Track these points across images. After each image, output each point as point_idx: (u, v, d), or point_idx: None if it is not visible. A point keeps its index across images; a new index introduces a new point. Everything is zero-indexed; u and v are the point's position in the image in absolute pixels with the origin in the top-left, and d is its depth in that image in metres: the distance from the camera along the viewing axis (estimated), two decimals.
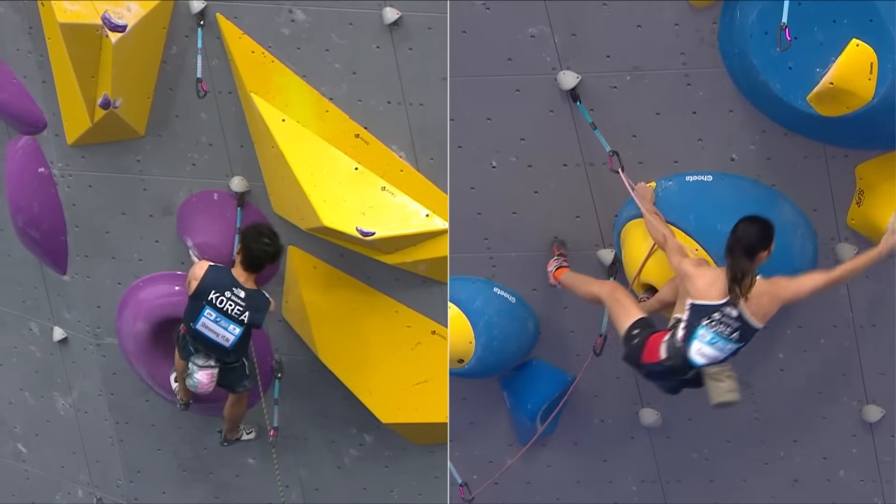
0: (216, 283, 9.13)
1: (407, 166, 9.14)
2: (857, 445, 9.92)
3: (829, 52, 7.90)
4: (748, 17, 8.15)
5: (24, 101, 9.66)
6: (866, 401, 9.69)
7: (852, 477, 10.10)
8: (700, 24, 8.45)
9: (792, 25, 7.74)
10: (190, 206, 9.70)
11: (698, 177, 8.84)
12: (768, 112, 8.53)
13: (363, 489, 10.51)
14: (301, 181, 9.00)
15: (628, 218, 9.06)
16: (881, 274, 8.25)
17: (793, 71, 8.03)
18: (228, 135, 9.45)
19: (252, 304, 9.16)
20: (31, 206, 9.89)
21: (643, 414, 10.01)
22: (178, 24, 9.14)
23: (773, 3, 7.90)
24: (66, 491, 11.31)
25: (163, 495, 10.96)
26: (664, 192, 8.82)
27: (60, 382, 10.85)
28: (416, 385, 9.59)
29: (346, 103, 9.10)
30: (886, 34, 7.80)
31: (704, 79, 8.60)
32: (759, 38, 8.06)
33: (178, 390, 9.90)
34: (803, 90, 8.02)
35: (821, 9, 7.90)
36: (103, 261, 10.08)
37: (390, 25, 8.80)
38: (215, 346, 9.25)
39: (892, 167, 8.62)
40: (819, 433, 9.89)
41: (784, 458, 10.10)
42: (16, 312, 10.74)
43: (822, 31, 7.92)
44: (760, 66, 8.14)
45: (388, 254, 9.23)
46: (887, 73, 7.83)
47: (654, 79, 8.64)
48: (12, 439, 11.33)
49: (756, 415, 9.83)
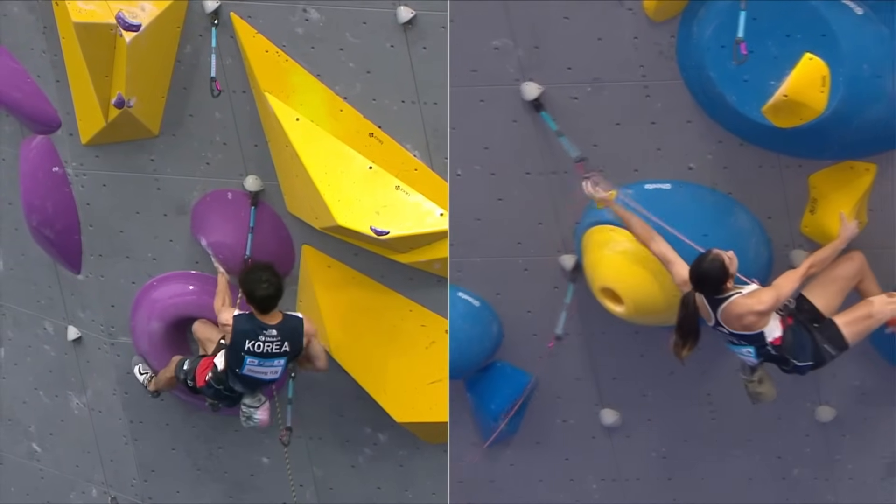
0: (246, 332, 9.11)
1: (421, 165, 9.13)
2: (811, 445, 10.16)
3: (783, 65, 8.11)
4: (705, 32, 8.36)
5: (38, 101, 9.67)
6: (819, 402, 9.92)
7: (806, 475, 10.33)
8: (659, 38, 8.64)
9: (747, 40, 7.92)
10: (204, 205, 9.71)
11: (657, 185, 9.06)
12: (725, 123, 8.73)
13: (377, 488, 10.51)
14: (315, 180, 9.00)
15: (589, 224, 9.25)
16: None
17: (748, 83, 8.25)
18: (242, 134, 9.45)
19: (286, 333, 9.16)
20: (46, 205, 9.89)
21: (604, 414, 10.23)
22: (193, 24, 9.14)
23: (729, 18, 8.09)
24: (80, 490, 11.32)
25: (177, 494, 10.97)
26: (625, 199, 8.94)
27: (75, 382, 10.86)
28: (431, 384, 9.58)
29: (360, 102, 9.09)
30: (838, 48, 8.03)
31: (663, 90, 8.79)
32: (715, 51, 8.28)
33: (145, 381, 9.97)
34: (758, 102, 8.22)
35: (775, 24, 8.10)
36: (117, 260, 10.09)
37: (404, 24, 8.80)
38: (264, 382, 9.33)
39: (844, 177, 8.83)
40: (774, 433, 10.12)
41: (740, 457, 10.32)
42: (30, 312, 10.75)
43: (776, 46, 8.13)
44: (717, 78, 8.36)
45: (403, 253, 9.23)
46: (839, 85, 8.07)
47: (615, 90, 8.84)
48: (27, 439, 11.34)
49: (713, 415, 10.06)
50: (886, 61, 8.19)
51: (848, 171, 8.86)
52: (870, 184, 8.80)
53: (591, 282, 9.37)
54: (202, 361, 9.50)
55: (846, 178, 8.85)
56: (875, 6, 8.13)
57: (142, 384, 10.20)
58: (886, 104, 8.30)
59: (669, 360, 9.27)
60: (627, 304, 9.27)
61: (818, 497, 10.38)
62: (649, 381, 10.07)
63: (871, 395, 9.83)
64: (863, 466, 10.22)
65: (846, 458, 10.21)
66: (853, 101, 8.17)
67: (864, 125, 8.33)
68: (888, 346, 9.44)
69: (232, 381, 9.30)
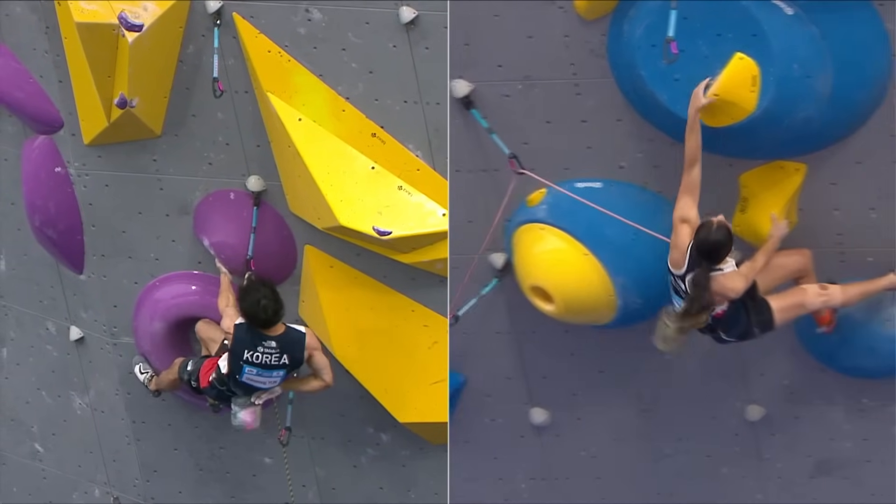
0: (245, 342, 9.08)
1: (423, 165, 9.14)
2: (740, 444, 10.20)
3: (713, 64, 8.15)
4: (636, 31, 8.40)
5: (40, 101, 9.68)
6: (749, 401, 9.95)
7: (735, 474, 10.36)
8: (589, 36, 8.68)
9: (678, 39, 7.95)
10: (206, 205, 9.71)
11: (588, 183, 9.08)
12: (656, 122, 8.78)
13: (380, 488, 10.51)
14: (317, 180, 9.00)
15: (520, 223, 9.29)
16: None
17: (679, 82, 8.28)
18: (245, 134, 9.45)
19: (287, 346, 9.12)
20: (48, 205, 9.90)
21: (533, 413, 10.24)
22: (195, 24, 9.15)
23: (659, 17, 8.12)
24: (83, 490, 11.32)
25: (179, 494, 10.97)
26: (555, 198, 9.03)
27: (77, 382, 10.86)
28: (433, 384, 9.58)
29: (362, 102, 9.09)
30: (768, 48, 8.08)
31: (594, 89, 8.83)
32: (646, 50, 8.31)
33: (146, 381, 9.98)
34: (689, 101, 8.21)
35: (706, 23, 8.14)
36: (120, 260, 10.09)
37: (406, 25, 8.80)
38: (263, 389, 9.32)
39: (774, 176, 8.89)
40: (703, 432, 10.15)
41: (669, 455, 10.34)
42: (33, 312, 10.76)
43: (707, 45, 8.17)
44: (648, 77, 8.40)
45: (405, 253, 9.23)
46: (769, 85, 8.13)
47: (545, 88, 8.87)
48: (29, 439, 11.34)
49: (643, 414, 10.09)
50: (816, 61, 8.26)
51: (778, 171, 8.91)
52: (800, 183, 8.85)
53: (521, 280, 9.37)
54: (206, 363, 9.50)
55: (777, 177, 8.91)
56: (805, 6, 8.18)
57: (142, 384, 10.20)
58: (816, 104, 8.35)
59: (600, 359, 9.60)
60: (558, 303, 9.27)
61: (747, 496, 10.41)
62: (579, 380, 10.07)
63: (799, 394, 9.88)
64: (791, 465, 10.24)
65: (775, 456, 10.24)
66: (783, 101, 8.22)
67: (794, 125, 8.39)
68: (817, 345, 9.49)
69: (232, 385, 9.30)
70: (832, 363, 9.61)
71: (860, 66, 8.37)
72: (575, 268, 9.15)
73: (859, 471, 10.11)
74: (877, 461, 10.02)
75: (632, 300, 9.24)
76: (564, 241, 9.10)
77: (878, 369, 9.45)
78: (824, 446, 10.09)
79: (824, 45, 8.26)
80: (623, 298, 9.23)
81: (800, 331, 9.51)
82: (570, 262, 9.14)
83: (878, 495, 10.13)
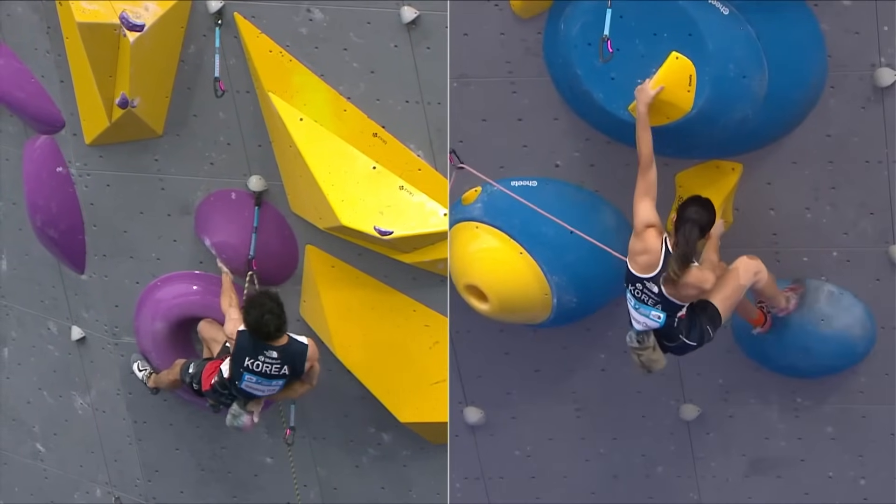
0: (248, 350, 9.07)
1: (425, 165, 9.13)
2: (675, 443, 10.21)
3: (650, 63, 8.16)
4: (572, 29, 8.40)
5: (42, 101, 9.68)
6: (684, 400, 9.97)
7: (670, 473, 10.38)
8: (525, 34, 8.66)
9: (614, 37, 7.95)
10: (208, 205, 9.71)
11: (524, 182, 9.08)
12: (592, 120, 8.78)
13: (381, 488, 10.51)
14: (319, 180, 9.00)
15: (455, 221, 9.25)
16: None
17: (615, 81, 8.30)
18: (246, 134, 9.45)
19: (288, 357, 9.11)
20: (50, 205, 9.90)
21: (467, 412, 10.25)
22: (196, 24, 9.15)
23: (595, 16, 8.10)
24: (84, 490, 11.33)
25: (181, 494, 10.97)
26: (490, 196, 9.04)
27: (79, 382, 10.86)
28: (435, 384, 9.58)
29: (363, 102, 9.09)
30: (705, 48, 8.09)
31: (530, 87, 8.83)
32: (582, 49, 8.33)
33: (145, 378, 9.98)
34: (625, 100, 8.28)
35: (642, 22, 8.14)
36: (121, 260, 10.09)
37: (408, 24, 8.80)
38: (260, 397, 9.33)
39: (710, 175, 8.92)
40: (638, 431, 10.16)
41: (604, 454, 10.34)
42: (34, 312, 10.76)
43: (643, 44, 8.17)
44: (584, 76, 8.41)
45: (406, 253, 9.22)
46: (705, 85, 8.14)
47: (481, 86, 8.87)
48: (31, 439, 11.35)
49: (578, 413, 10.08)
50: (752, 61, 8.27)
51: (714, 170, 8.94)
52: (735, 183, 8.87)
53: (455, 279, 9.32)
54: (208, 366, 9.49)
55: (712, 176, 8.93)
56: (741, 7, 8.18)
57: (141, 381, 10.20)
58: (752, 104, 8.37)
59: (535, 358, 9.60)
60: (492, 302, 9.26)
61: (681, 495, 10.40)
62: (514, 379, 10.06)
63: (734, 394, 9.89)
64: (726, 464, 10.24)
65: (709, 455, 10.25)
66: (719, 101, 8.24)
67: (730, 124, 8.41)
68: (752, 345, 9.52)
69: (233, 390, 9.30)
70: (767, 363, 9.63)
71: (796, 67, 8.41)
72: (510, 266, 9.14)
73: (794, 470, 10.13)
74: (811, 460, 10.05)
75: (567, 299, 9.24)
76: (499, 239, 9.11)
77: (812, 369, 9.54)
78: (759, 445, 10.11)
79: (760, 45, 8.26)
80: (558, 297, 9.23)
81: (735, 330, 9.53)
82: (505, 260, 9.14)
83: (812, 494, 10.16)
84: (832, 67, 8.49)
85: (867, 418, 9.79)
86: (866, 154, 8.74)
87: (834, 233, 9.05)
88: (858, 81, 8.51)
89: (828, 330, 9.34)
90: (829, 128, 8.70)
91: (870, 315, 9.34)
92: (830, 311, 9.31)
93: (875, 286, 9.23)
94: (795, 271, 9.21)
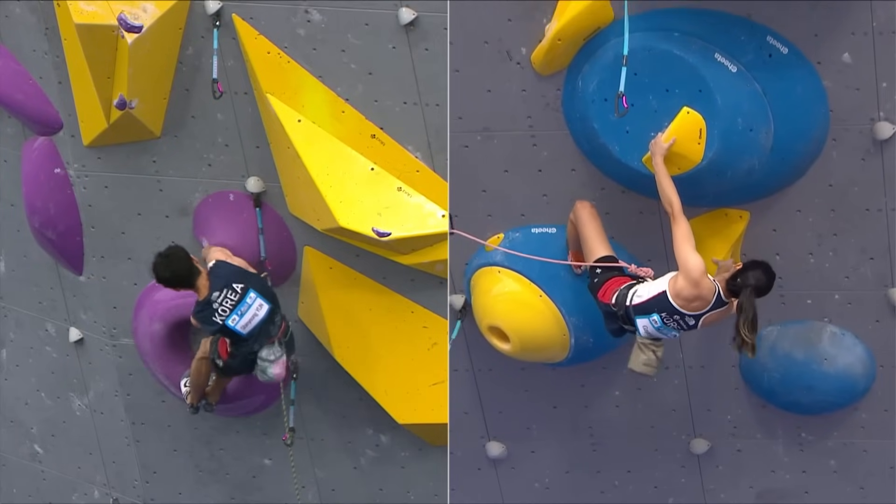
0: (205, 315, 9.16)
1: (423, 167, 9.14)
2: (686, 475, 10.63)
3: (662, 118, 8.54)
4: (589, 85, 8.76)
5: (40, 102, 9.68)
6: (694, 434, 10.41)
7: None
8: (545, 91, 9.05)
9: (629, 94, 8.36)
10: (206, 206, 9.71)
11: (543, 229, 9.51)
12: (608, 171, 9.16)
13: (379, 490, 10.51)
14: (317, 182, 9.00)
15: (478, 266, 9.65)
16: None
17: (630, 135, 8.66)
18: (244, 135, 9.46)
19: (222, 281, 9.13)
20: (48, 207, 9.90)
21: (490, 447, 10.61)
22: (194, 25, 9.15)
23: (611, 73, 8.50)
24: (82, 491, 11.33)
25: (179, 496, 10.97)
26: (511, 242, 9.44)
27: (77, 383, 10.86)
28: (433, 386, 9.59)
29: (361, 104, 9.10)
30: (714, 103, 8.45)
31: (549, 140, 9.21)
32: (599, 104, 8.69)
33: (187, 394, 9.91)
34: (639, 152, 8.66)
35: (655, 79, 8.52)
36: (119, 261, 10.09)
37: (406, 26, 8.80)
38: (265, 323, 9.26)
39: (719, 223, 9.31)
40: (651, 464, 10.59)
41: (619, 486, 10.73)
42: (32, 313, 10.76)
43: (656, 99, 8.55)
44: (600, 129, 8.77)
45: (405, 254, 9.23)
46: (714, 138, 8.48)
47: (503, 139, 9.26)
48: (29, 440, 11.35)
49: (594, 447, 10.51)
50: (759, 116, 8.62)
51: (722, 218, 9.29)
52: (743, 230, 9.25)
53: (479, 320, 9.74)
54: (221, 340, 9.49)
55: (720, 224, 9.29)
56: (749, 64, 8.58)
57: (183, 397, 10.11)
58: (759, 156, 8.72)
59: (553, 394, 10.09)
60: (514, 342, 9.60)
61: None
62: (534, 414, 10.45)
63: (742, 429, 10.30)
64: (734, 495, 10.65)
65: (719, 487, 10.64)
66: (728, 153, 8.58)
67: (737, 175, 8.74)
68: (759, 383, 9.97)
69: (246, 345, 9.29)
70: (773, 399, 10.06)
71: (800, 121, 8.79)
72: (530, 309, 9.53)
73: (799, 501, 10.53)
74: (815, 492, 10.48)
75: (584, 339, 9.63)
76: (520, 283, 9.48)
77: (815, 405, 9.96)
78: (766, 478, 10.50)
79: (766, 100, 8.63)
80: (576, 337, 9.62)
81: (743, 370, 9.96)
82: (526, 303, 9.52)
83: None
84: (834, 121, 8.88)
85: (868, 452, 10.23)
86: (866, 203, 9.14)
87: (836, 277, 9.46)
88: (859, 135, 8.90)
89: (830, 369, 9.73)
90: (831, 178, 9.08)
91: (870, 354, 9.74)
92: (833, 350, 9.72)
93: (875, 327, 9.65)
94: (800, 313, 9.64)
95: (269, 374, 9.43)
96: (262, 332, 9.29)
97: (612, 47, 8.62)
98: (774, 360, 9.78)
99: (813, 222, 9.27)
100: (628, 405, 10.29)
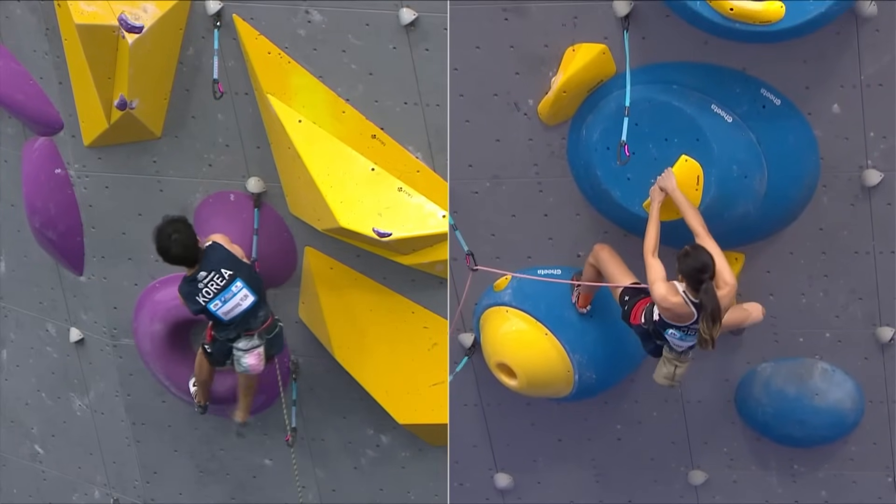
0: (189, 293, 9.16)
1: (423, 167, 9.14)
2: None
3: (662, 165, 8.93)
4: (593, 135, 9.18)
5: (40, 103, 9.68)
6: (692, 466, 10.79)
7: None
8: (551, 140, 9.45)
9: (630, 142, 8.82)
10: (207, 207, 9.71)
11: (549, 270, 9.88)
12: (610, 215, 9.57)
13: (380, 490, 10.52)
14: (317, 182, 9.01)
15: (486, 306, 10.00)
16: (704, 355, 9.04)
17: (631, 181, 9.09)
18: (245, 136, 9.46)
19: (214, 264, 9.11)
20: (48, 207, 9.90)
21: (498, 478, 10.93)
22: (195, 26, 9.15)
23: (614, 123, 8.94)
24: (82, 492, 11.33)
25: (179, 496, 10.97)
26: (519, 283, 9.81)
27: (77, 383, 10.86)
28: (433, 386, 9.59)
29: (362, 104, 9.10)
30: (710, 151, 8.87)
31: (554, 186, 9.62)
32: (602, 152, 9.12)
33: (195, 394, 9.91)
34: (640, 198, 9.07)
35: (655, 128, 8.95)
36: (120, 262, 10.09)
37: (407, 26, 8.80)
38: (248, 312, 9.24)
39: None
40: (651, 494, 10.98)
41: None
42: (32, 314, 10.76)
43: (656, 148, 8.97)
44: (603, 176, 9.18)
45: (405, 255, 9.23)
46: (711, 184, 8.90)
47: (511, 185, 9.65)
48: (29, 440, 11.35)
49: (596, 478, 10.92)
50: (753, 163, 9.05)
51: None
52: (738, 271, 9.51)
53: (487, 358, 10.07)
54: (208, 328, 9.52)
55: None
56: (743, 115, 9.01)
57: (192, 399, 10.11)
58: (753, 201, 9.14)
59: (558, 428, 10.46)
60: (520, 378, 9.93)
61: None
62: (540, 447, 10.77)
63: (737, 461, 10.71)
64: None
65: None
66: (724, 198, 8.99)
67: (733, 219, 9.13)
68: (754, 417, 10.38)
69: (225, 331, 9.30)
70: (767, 433, 10.48)
71: (792, 168, 9.21)
72: (537, 347, 9.87)
73: None
74: None
75: (587, 375, 9.93)
76: (527, 322, 9.83)
77: (807, 438, 10.40)
78: None
79: (760, 149, 9.06)
80: (579, 374, 9.91)
81: (739, 404, 10.36)
82: (533, 341, 9.86)
83: None
84: (825, 169, 9.30)
85: (857, 483, 10.67)
86: (855, 245, 9.59)
87: (827, 316, 9.90)
88: (848, 181, 9.34)
89: (821, 403, 10.17)
90: (822, 222, 9.52)
91: (859, 390, 10.17)
92: (824, 386, 10.15)
93: (864, 364, 10.08)
94: (792, 350, 10.06)
95: (243, 364, 9.42)
96: (243, 322, 9.29)
97: (615, 99, 9.03)
98: (768, 396, 10.21)
99: (805, 264, 9.69)
100: (629, 438, 10.66)
